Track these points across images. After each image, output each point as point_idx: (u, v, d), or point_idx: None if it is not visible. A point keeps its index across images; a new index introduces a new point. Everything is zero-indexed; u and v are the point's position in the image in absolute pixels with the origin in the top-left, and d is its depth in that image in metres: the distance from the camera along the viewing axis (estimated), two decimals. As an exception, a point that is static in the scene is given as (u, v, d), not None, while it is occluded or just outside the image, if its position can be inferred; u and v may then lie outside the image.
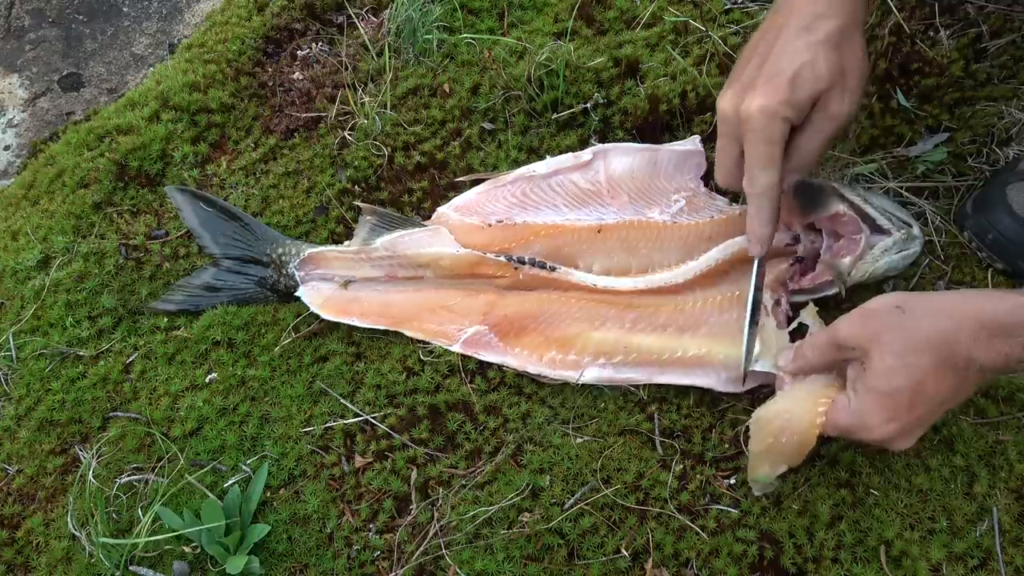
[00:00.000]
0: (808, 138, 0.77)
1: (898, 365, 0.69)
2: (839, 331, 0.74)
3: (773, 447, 0.78)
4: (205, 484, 0.89)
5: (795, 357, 0.80)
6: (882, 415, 0.70)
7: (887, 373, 0.69)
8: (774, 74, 0.73)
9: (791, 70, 0.72)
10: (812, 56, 0.72)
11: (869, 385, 0.71)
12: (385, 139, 1.08)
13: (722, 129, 0.79)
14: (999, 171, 0.94)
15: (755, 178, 0.77)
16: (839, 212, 0.88)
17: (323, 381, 0.95)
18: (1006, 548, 0.80)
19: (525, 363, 0.92)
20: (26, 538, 0.90)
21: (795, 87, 0.73)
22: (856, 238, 0.87)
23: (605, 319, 0.92)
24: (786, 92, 0.72)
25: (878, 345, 0.70)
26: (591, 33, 1.15)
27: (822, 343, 0.76)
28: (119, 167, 1.10)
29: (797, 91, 0.73)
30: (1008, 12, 1.01)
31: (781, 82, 0.73)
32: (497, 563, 0.83)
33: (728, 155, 0.80)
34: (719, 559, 0.82)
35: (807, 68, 0.72)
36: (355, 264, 0.99)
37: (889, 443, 0.72)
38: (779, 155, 0.75)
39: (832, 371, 0.78)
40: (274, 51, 1.21)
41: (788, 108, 0.73)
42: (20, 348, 1.00)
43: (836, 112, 0.75)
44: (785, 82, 0.72)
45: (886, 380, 0.69)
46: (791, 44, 0.73)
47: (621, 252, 0.96)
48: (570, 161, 1.00)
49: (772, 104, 0.73)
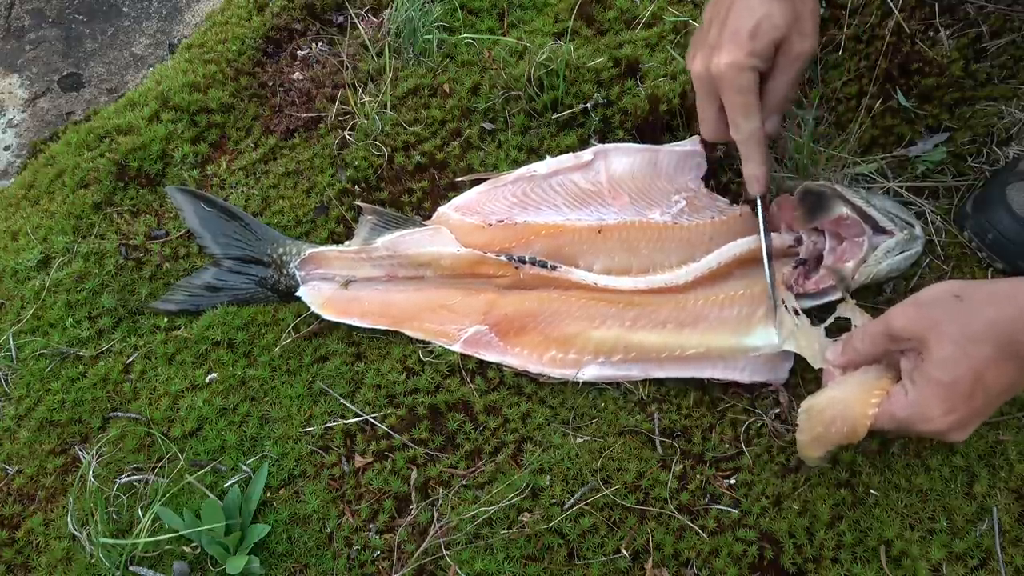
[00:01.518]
0: (777, 81, 0.84)
1: (958, 354, 0.69)
2: (894, 322, 0.74)
3: (822, 436, 0.78)
4: (205, 484, 0.89)
5: (844, 350, 0.80)
6: (942, 406, 0.70)
7: (947, 363, 0.69)
8: (735, 31, 0.80)
9: (750, 24, 0.80)
10: (767, 9, 0.80)
11: (928, 375, 0.71)
12: (385, 139, 1.08)
13: (698, 90, 0.87)
14: (999, 171, 0.94)
15: (739, 126, 0.84)
16: (842, 216, 0.88)
17: (323, 381, 0.95)
18: (1006, 548, 0.80)
19: (525, 362, 0.92)
20: (26, 538, 0.90)
21: (756, 38, 0.80)
22: (859, 241, 0.88)
23: (605, 317, 0.92)
24: (749, 45, 0.80)
25: (937, 335, 0.70)
26: (591, 33, 1.15)
27: (874, 334, 0.77)
28: (119, 167, 1.10)
29: (758, 42, 0.80)
30: (1008, 12, 1.01)
31: (743, 37, 0.80)
32: (497, 563, 0.83)
33: (708, 112, 0.87)
34: (719, 559, 0.82)
35: (764, 20, 0.79)
36: (356, 264, 0.99)
37: (946, 435, 0.72)
38: (755, 101, 0.83)
39: (882, 362, 0.78)
40: (274, 51, 1.21)
41: (753, 58, 0.80)
42: (20, 348, 1.00)
43: (798, 52, 0.82)
44: (746, 36, 0.80)
45: (946, 370, 0.69)
46: (746, 3, 0.81)
47: (622, 252, 0.96)
48: (571, 161, 1.00)
49: (739, 58, 0.80)
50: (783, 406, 0.89)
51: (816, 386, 0.89)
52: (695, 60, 0.85)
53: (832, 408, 0.77)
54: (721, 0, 0.83)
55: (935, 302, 0.72)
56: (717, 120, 0.87)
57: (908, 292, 0.92)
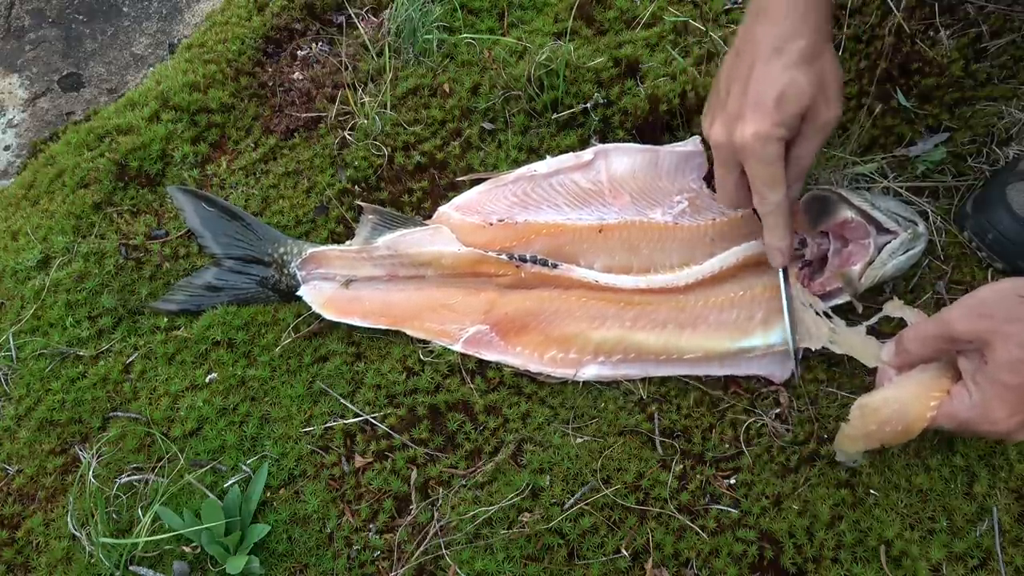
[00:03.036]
0: (802, 149, 0.81)
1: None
2: (954, 324, 0.73)
3: (874, 434, 0.78)
4: (205, 484, 0.89)
5: (898, 352, 0.80)
6: (1007, 408, 0.70)
7: (1014, 365, 0.69)
8: (759, 100, 0.77)
9: (774, 93, 0.77)
10: (791, 77, 0.76)
11: (993, 378, 0.70)
12: (385, 139, 1.08)
13: (718, 158, 0.84)
14: (999, 171, 0.94)
15: (765, 198, 0.82)
16: (847, 219, 0.89)
17: (323, 381, 0.95)
18: (1006, 548, 0.80)
19: (526, 362, 0.92)
20: (26, 538, 0.90)
21: (782, 108, 0.77)
22: (864, 243, 0.88)
23: (606, 318, 0.92)
24: (774, 115, 0.77)
25: (1002, 337, 0.69)
26: (591, 33, 1.15)
27: (931, 336, 0.76)
28: (119, 167, 1.10)
29: (784, 111, 0.77)
30: (1008, 12, 1.01)
31: (767, 106, 0.77)
32: (497, 563, 0.83)
33: (729, 180, 0.84)
34: (719, 559, 0.82)
35: (790, 88, 0.76)
36: (357, 263, 0.99)
37: (1011, 436, 0.72)
38: (782, 172, 0.80)
39: (941, 359, 0.78)
40: (274, 51, 1.21)
41: (780, 129, 0.77)
42: (20, 348, 1.00)
43: (824, 121, 0.79)
44: (771, 106, 0.77)
45: (1013, 373, 0.69)
46: (768, 70, 0.77)
47: (623, 252, 0.96)
48: (571, 161, 1.00)
49: (764, 128, 0.77)
50: (783, 406, 0.89)
51: (815, 386, 0.90)
52: (714, 127, 0.82)
53: (888, 407, 0.77)
54: (739, 64, 0.80)
55: (999, 303, 0.71)
56: (737, 189, 0.84)
57: (908, 291, 0.93)
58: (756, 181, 0.81)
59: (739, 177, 0.83)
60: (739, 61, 0.80)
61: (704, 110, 0.86)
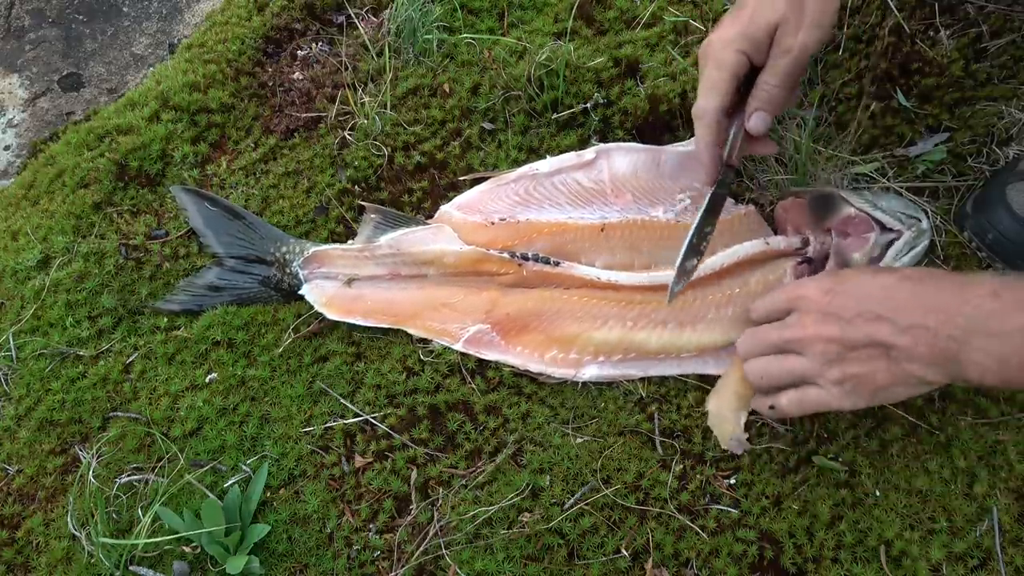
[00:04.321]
0: (767, 74, 0.80)
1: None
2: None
3: (723, 409, 0.87)
4: (205, 484, 0.89)
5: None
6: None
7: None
8: (737, 10, 0.80)
9: (752, 6, 0.78)
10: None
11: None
12: (385, 139, 1.08)
13: (699, 70, 0.84)
14: (999, 171, 0.94)
15: (699, 101, 0.82)
16: (851, 214, 0.89)
17: (323, 381, 0.95)
18: (1006, 548, 0.80)
19: (527, 361, 0.92)
20: (26, 538, 0.90)
21: (752, 20, 0.78)
22: (867, 236, 0.89)
23: (607, 317, 0.92)
24: (743, 24, 0.78)
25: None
26: (591, 33, 1.15)
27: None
28: (119, 167, 1.10)
29: (753, 23, 0.78)
30: (1008, 12, 1.01)
31: (742, 16, 0.79)
32: (497, 563, 0.83)
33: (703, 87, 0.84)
34: (719, 559, 0.82)
35: (766, 2, 0.77)
36: (359, 262, 0.99)
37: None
38: (723, 80, 0.80)
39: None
40: (274, 51, 1.21)
41: (743, 40, 0.78)
42: (20, 348, 1.00)
43: (788, 45, 0.78)
44: (746, 16, 0.78)
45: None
46: None
47: (624, 250, 0.96)
48: (573, 160, 1.00)
49: (728, 34, 0.79)
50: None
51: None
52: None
53: (716, 390, 0.89)
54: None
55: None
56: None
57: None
58: (700, 85, 0.81)
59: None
60: None
61: None
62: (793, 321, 0.78)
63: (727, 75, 0.79)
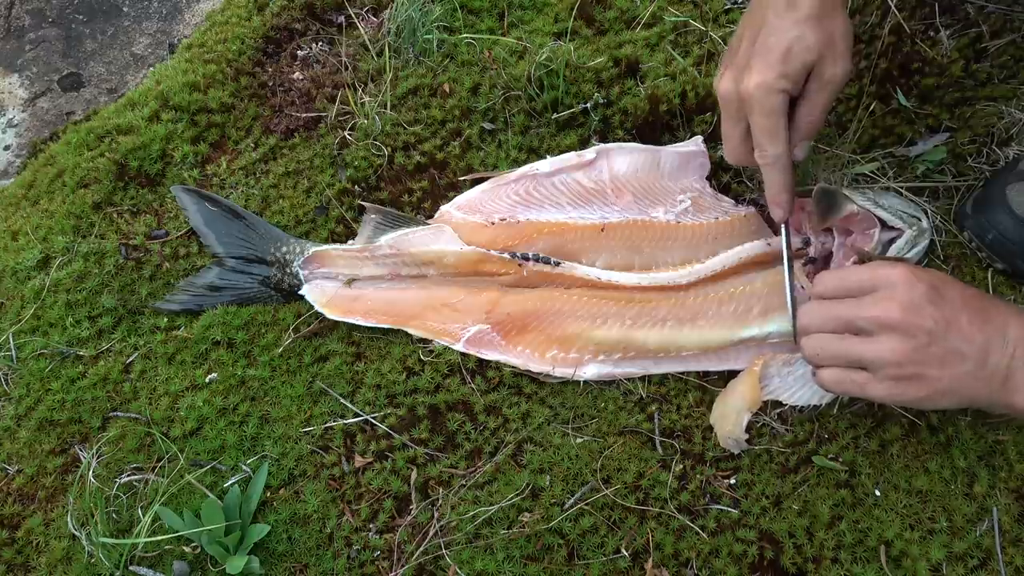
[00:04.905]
0: (808, 106, 0.81)
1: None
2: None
3: (727, 414, 0.88)
4: (205, 484, 0.89)
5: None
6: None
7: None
8: (766, 52, 0.78)
9: (782, 46, 0.77)
10: (800, 32, 0.77)
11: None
12: (385, 139, 1.08)
13: (725, 111, 0.84)
14: (999, 171, 0.94)
15: (765, 150, 0.81)
16: (853, 212, 0.90)
17: (323, 381, 0.95)
18: (1006, 548, 0.80)
19: (527, 361, 0.92)
20: (26, 538, 0.90)
21: (787, 60, 0.77)
22: (869, 232, 0.89)
23: (607, 316, 0.92)
24: (779, 66, 0.77)
25: None
26: (591, 33, 1.15)
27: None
28: (119, 167, 1.10)
29: (790, 64, 0.77)
30: (1008, 12, 1.01)
31: (774, 58, 0.77)
32: (497, 563, 0.83)
33: (734, 134, 0.85)
34: (719, 559, 0.82)
35: (796, 42, 0.77)
36: (359, 262, 0.99)
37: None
38: (783, 125, 0.80)
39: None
40: (274, 51, 1.21)
41: (783, 80, 0.78)
42: (20, 348, 1.00)
43: (829, 78, 0.79)
44: (777, 57, 0.77)
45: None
46: (778, 23, 0.78)
47: (624, 251, 0.96)
48: (573, 160, 1.00)
49: (768, 79, 0.77)
50: (785, 405, 0.89)
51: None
52: (722, 79, 0.82)
53: (726, 390, 0.90)
54: (752, 19, 0.81)
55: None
56: (741, 144, 0.85)
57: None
58: (757, 132, 0.81)
59: (745, 131, 0.83)
60: (752, 16, 0.81)
61: (718, 65, 0.86)
62: (874, 302, 0.75)
63: (782, 120, 0.80)
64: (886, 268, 0.76)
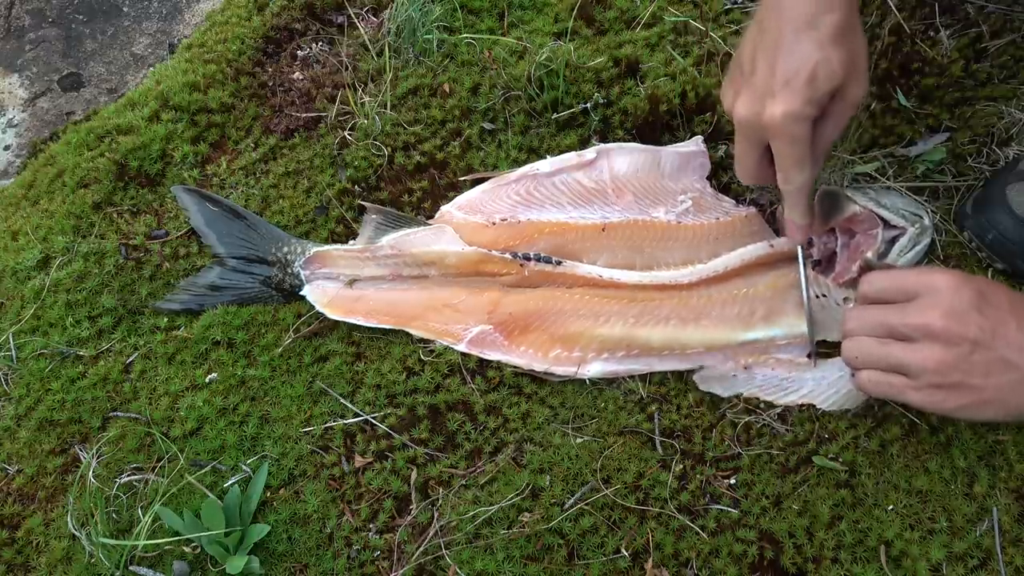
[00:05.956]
0: (829, 126, 0.79)
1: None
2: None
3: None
4: (205, 484, 0.89)
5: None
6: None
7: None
8: (790, 77, 0.74)
9: (807, 71, 0.74)
10: (824, 54, 0.74)
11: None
12: (385, 139, 1.08)
13: (742, 135, 0.81)
14: (999, 171, 0.94)
15: (792, 178, 0.80)
16: (855, 212, 0.90)
17: (323, 381, 0.95)
18: (1006, 548, 0.80)
19: (531, 361, 0.92)
20: (26, 538, 0.90)
21: (814, 87, 0.74)
22: (873, 233, 0.89)
23: (609, 315, 0.92)
24: (806, 93, 0.74)
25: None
26: (591, 33, 1.15)
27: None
28: (119, 167, 1.10)
29: (817, 90, 0.74)
30: (1008, 12, 1.01)
31: (799, 84, 0.74)
32: (497, 563, 0.83)
33: (750, 158, 0.83)
34: (719, 559, 0.82)
35: (822, 67, 0.74)
36: (361, 263, 0.99)
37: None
38: (809, 152, 0.78)
39: None
40: (274, 51, 1.21)
41: (810, 107, 0.75)
42: (20, 348, 1.00)
43: (853, 100, 0.77)
44: (803, 84, 0.74)
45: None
46: (799, 44, 0.75)
47: (626, 250, 0.96)
48: (574, 160, 1.00)
49: (796, 108, 0.74)
50: (783, 406, 0.89)
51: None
52: (739, 103, 0.79)
53: None
54: (765, 37, 0.77)
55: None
56: (759, 166, 0.83)
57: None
58: (784, 161, 0.79)
59: (761, 155, 0.82)
60: (765, 34, 0.77)
61: (724, 83, 0.84)
62: (918, 309, 0.74)
63: (808, 147, 0.78)
64: (934, 274, 0.75)
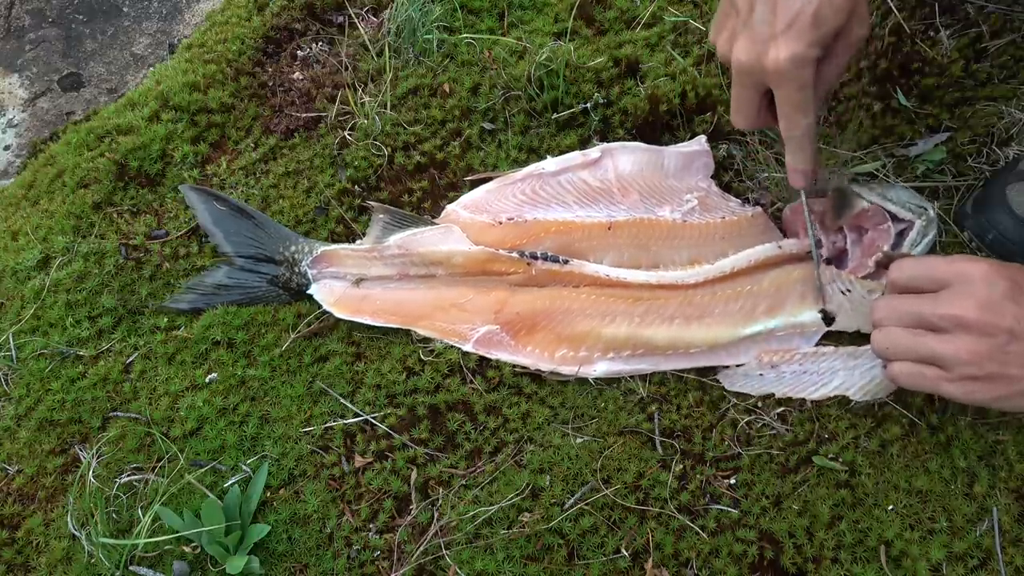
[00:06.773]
0: (831, 68, 0.77)
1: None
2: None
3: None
4: (205, 484, 0.89)
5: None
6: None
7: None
8: (793, 18, 0.72)
9: (811, 11, 0.71)
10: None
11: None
12: (385, 139, 1.08)
13: (740, 80, 0.79)
14: (999, 171, 0.94)
15: (796, 122, 0.78)
16: (864, 208, 0.91)
17: (323, 381, 0.95)
18: (1006, 548, 0.80)
19: (537, 361, 0.92)
20: (26, 538, 0.90)
21: (818, 27, 0.72)
22: (884, 227, 0.90)
23: (615, 314, 0.92)
24: (811, 35, 0.72)
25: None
26: (591, 33, 1.15)
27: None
28: (119, 167, 1.10)
29: (821, 31, 0.72)
30: (1008, 12, 1.01)
31: (803, 25, 0.72)
32: (497, 563, 0.83)
33: (750, 104, 0.80)
34: (719, 559, 0.82)
35: (825, 6, 0.72)
36: (368, 262, 0.99)
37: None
38: (812, 95, 0.76)
39: None
40: (274, 51, 1.21)
41: (815, 49, 0.73)
42: (20, 348, 1.00)
43: (856, 38, 0.75)
44: (808, 25, 0.72)
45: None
46: None
47: (632, 249, 0.96)
48: (578, 159, 1.01)
49: (801, 50, 0.72)
50: (784, 406, 0.89)
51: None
52: (737, 47, 0.76)
53: None
54: None
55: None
56: (757, 113, 0.81)
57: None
58: (787, 106, 0.77)
59: (761, 100, 0.80)
60: None
61: (713, 24, 0.81)
62: (951, 299, 0.72)
63: (812, 91, 0.76)
64: (966, 262, 0.73)
